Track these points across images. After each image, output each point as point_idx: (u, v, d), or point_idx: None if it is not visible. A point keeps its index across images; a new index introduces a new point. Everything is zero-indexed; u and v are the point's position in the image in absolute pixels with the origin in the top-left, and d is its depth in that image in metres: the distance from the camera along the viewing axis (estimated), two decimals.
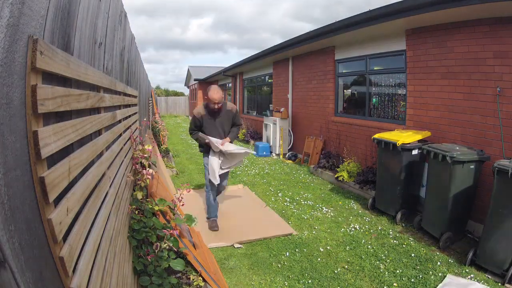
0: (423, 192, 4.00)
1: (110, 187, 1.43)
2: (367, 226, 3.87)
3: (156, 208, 2.19)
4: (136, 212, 2.05)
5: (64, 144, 0.81)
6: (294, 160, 7.69)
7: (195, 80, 20.16)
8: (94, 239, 1.02)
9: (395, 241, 3.47)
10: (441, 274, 2.82)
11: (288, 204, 4.67)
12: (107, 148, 1.48)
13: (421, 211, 3.84)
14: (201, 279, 2.42)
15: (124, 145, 2.10)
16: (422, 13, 3.72)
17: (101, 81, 1.36)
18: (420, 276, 2.80)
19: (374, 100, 5.70)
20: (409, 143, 3.85)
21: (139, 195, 2.11)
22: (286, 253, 3.25)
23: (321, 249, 3.33)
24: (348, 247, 3.37)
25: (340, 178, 5.41)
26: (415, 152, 3.90)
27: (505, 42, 3.33)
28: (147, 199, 2.24)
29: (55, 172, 0.73)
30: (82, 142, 1.05)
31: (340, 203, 4.68)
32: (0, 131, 0.53)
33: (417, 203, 4.17)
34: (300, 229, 3.83)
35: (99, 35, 1.38)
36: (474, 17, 3.59)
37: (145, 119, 5.38)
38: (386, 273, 2.87)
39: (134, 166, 2.32)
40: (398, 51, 4.89)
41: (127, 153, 2.22)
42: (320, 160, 6.44)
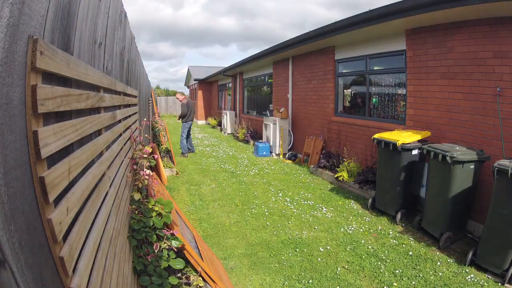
0: (423, 192, 4.01)
1: (110, 187, 1.43)
2: (367, 226, 3.88)
3: (156, 208, 2.19)
4: (136, 212, 2.05)
5: (64, 144, 0.81)
6: (294, 160, 7.69)
7: (195, 80, 20.14)
8: (94, 239, 1.02)
9: (395, 241, 3.47)
10: (441, 274, 2.82)
11: (288, 204, 4.67)
12: (107, 148, 1.48)
13: (421, 211, 3.84)
14: (201, 279, 2.42)
15: (124, 145, 2.10)
16: (422, 13, 3.72)
17: (101, 81, 1.36)
18: (420, 276, 2.80)
19: (374, 100, 5.70)
20: (409, 143, 3.85)
21: (136, 196, 2.11)
22: (286, 253, 3.25)
23: (321, 249, 3.33)
24: (348, 247, 3.37)
25: (340, 178, 5.41)
26: (415, 152, 3.90)
27: (505, 42, 3.33)
28: (146, 200, 2.24)
29: (55, 172, 0.73)
30: (82, 142, 1.05)
31: (340, 203, 4.69)
32: (0, 131, 0.53)
33: (417, 203, 4.17)
34: (300, 229, 3.83)
35: (99, 35, 1.38)
36: (474, 17, 3.59)
37: (145, 119, 5.38)
38: (386, 273, 2.87)
39: (132, 167, 2.32)
40: (398, 51, 4.89)
41: (127, 153, 2.22)
42: (320, 160, 6.44)
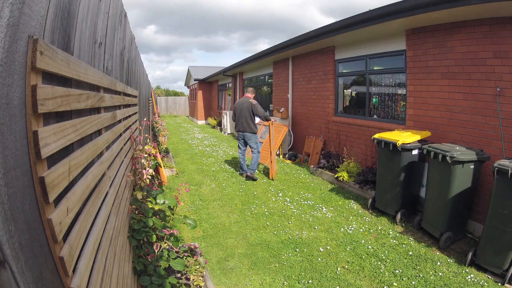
0: (423, 192, 4.01)
1: (110, 187, 1.43)
2: (367, 226, 3.88)
3: (156, 208, 2.19)
4: (136, 212, 2.05)
5: (64, 144, 0.81)
6: (294, 160, 7.69)
7: (195, 80, 20.13)
8: (94, 239, 1.02)
9: (395, 241, 3.47)
10: (441, 274, 2.82)
11: (288, 204, 4.67)
12: (107, 148, 1.48)
13: (421, 211, 3.84)
14: (201, 279, 2.42)
15: (124, 145, 2.10)
16: (422, 13, 3.72)
17: (101, 81, 1.36)
18: (420, 276, 2.80)
19: (374, 100, 5.70)
20: (409, 143, 3.85)
21: (139, 195, 2.11)
22: (286, 253, 3.25)
23: (321, 249, 3.33)
24: (348, 247, 3.37)
25: (340, 178, 5.41)
26: (415, 152, 3.90)
27: (505, 42, 3.33)
28: (148, 199, 2.24)
29: (55, 172, 0.73)
30: (82, 142, 1.05)
31: (340, 203, 4.68)
32: (0, 131, 0.53)
33: (417, 203, 4.17)
34: (300, 229, 3.83)
35: (99, 35, 1.38)
36: (474, 17, 3.59)
37: (145, 119, 5.38)
38: (386, 273, 2.87)
39: (134, 166, 2.32)
40: (398, 51, 4.89)
41: (127, 153, 2.22)
42: (320, 160, 6.44)
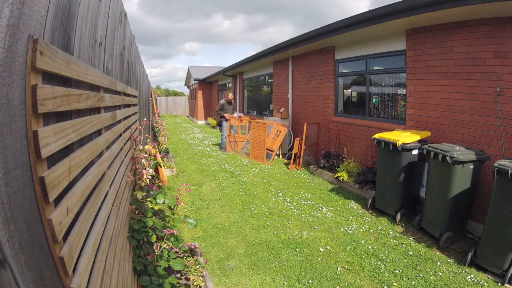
0: (423, 192, 4.00)
1: (110, 187, 1.43)
2: (367, 226, 3.88)
3: (156, 208, 2.19)
4: (136, 212, 2.05)
5: (64, 144, 0.81)
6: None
7: (195, 80, 20.12)
8: (94, 239, 1.02)
9: (395, 241, 3.47)
10: (441, 274, 2.82)
11: (288, 204, 4.67)
12: (107, 148, 1.48)
13: (421, 211, 3.84)
14: (201, 279, 2.42)
15: (124, 145, 2.10)
16: (422, 13, 3.72)
17: (101, 81, 1.36)
18: (420, 276, 2.80)
19: (374, 100, 5.70)
20: (409, 143, 3.85)
21: (139, 195, 2.11)
22: (286, 253, 3.25)
23: (321, 249, 3.33)
24: (348, 247, 3.37)
25: (340, 178, 5.41)
26: (415, 152, 3.90)
27: (505, 42, 3.33)
28: (148, 199, 2.24)
29: (55, 172, 0.73)
30: (82, 142, 1.05)
31: (340, 203, 4.68)
32: (0, 131, 0.53)
33: (417, 203, 4.17)
34: (300, 229, 3.83)
35: (99, 35, 1.38)
36: (474, 17, 3.59)
37: (146, 119, 5.38)
38: (386, 273, 2.87)
39: (134, 166, 2.32)
40: (398, 51, 4.89)
41: (127, 153, 2.22)
42: (320, 160, 6.44)
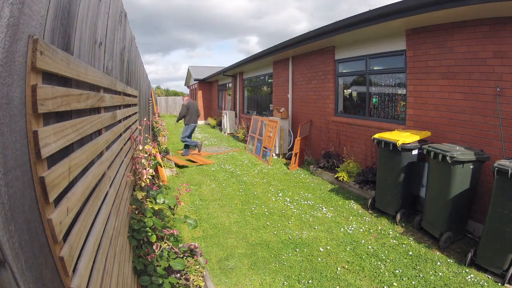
0: (423, 192, 4.01)
1: (110, 187, 1.43)
2: (367, 226, 3.88)
3: (156, 208, 2.19)
4: (136, 212, 2.05)
5: (64, 144, 0.81)
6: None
7: (195, 80, 20.13)
8: (94, 239, 1.02)
9: (395, 241, 3.47)
10: (441, 274, 2.82)
11: (288, 204, 4.67)
12: (107, 148, 1.48)
13: (421, 211, 3.84)
14: (201, 279, 2.42)
15: (124, 145, 2.10)
16: (422, 13, 3.72)
17: (101, 81, 1.36)
18: (420, 276, 2.80)
19: (374, 100, 5.70)
20: (409, 143, 3.85)
21: (139, 195, 2.11)
22: (286, 253, 3.25)
23: (321, 249, 3.33)
24: (348, 247, 3.37)
25: (340, 178, 5.42)
26: (415, 152, 3.90)
27: (505, 42, 3.33)
28: (148, 199, 2.24)
29: (55, 172, 0.73)
30: (82, 142, 1.05)
31: (340, 203, 4.68)
32: (0, 131, 0.53)
33: (417, 203, 4.17)
34: (300, 229, 3.83)
35: (99, 35, 1.38)
36: (474, 17, 3.59)
37: (146, 119, 5.38)
38: (386, 273, 2.87)
39: (134, 166, 2.32)
40: (398, 51, 4.89)
41: (127, 153, 2.22)
42: (320, 160, 6.44)
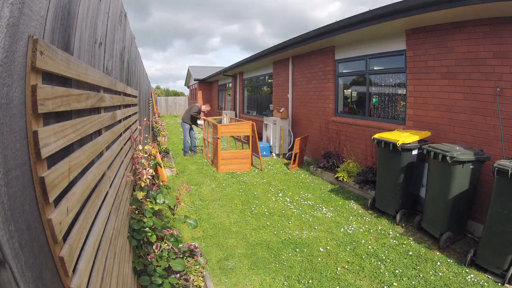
0: (423, 192, 4.00)
1: (110, 187, 1.43)
2: (367, 226, 3.87)
3: (156, 208, 2.19)
4: (136, 212, 2.05)
5: (64, 144, 0.81)
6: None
7: (195, 80, 20.15)
8: (94, 239, 1.02)
9: (395, 241, 3.47)
10: (441, 274, 2.82)
11: (288, 204, 4.67)
12: (107, 148, 1.47)
13: (421, 211, 3.84)
14: (201, 279, 2.42)
15: (124, 145, 2.10)
16: (422, 13, 3.72)
17: (101, 81, 1.36)
18: (420, 276, 2.80)
19: (374, 100, 5.70)
20: (409, 143, 3.85)
21: (139, 195, 2.11)
22: (286, 253, 3.25)
23: (321, 249, 3.33)
24: (348, 247, 3.37)
25: (340, 178, 5.41)
26: (415, 152, 3.89)
27: (505, 42, 3.33)
28: (148, 199, 2.24)
29: (55, 172, 0.73)
30: (82, 142, 1.05)
31: (340, 203, 4.68)
32: (0, 131, 0.53)
33: (417, 203, 4.17)
34: (300, 229, 3.83)
35: (99, 35, 1.38)
36: (474, 17, 3.59)
37: (145, 119, 5.38)
38: (386, 273, 2.87)
39: (134, 166, 2.32)
40: (398, 51, 4.89)
41: (127, 153, 2.22)
42: (320, 160, 6.44)
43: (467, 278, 2.74)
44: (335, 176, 5.56)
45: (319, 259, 3.13)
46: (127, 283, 1.66)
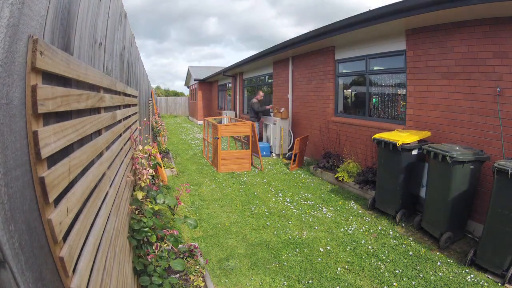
0: (423, 192, 4.00)
1: (110, 187, 1.43)
2: (367, 226, 3.88)
3: (156, 208, 2.19)
4: (136, 212, 2.05)
5: (64, 144, 0.81)
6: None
7: (195, 80, 20.13)
8: (94, 239, 1.02)
9: (395, 241, 3.47)
10: (441, 274, 2.82)
11: (288, 204, 4.67)
12: (107, 148, 1.47)
13: (421, 211, 3.84)
14: (201, 280, 2.42)
15: (124, 145, 2.10)
16: (422, 13, 3.72)
17: (101, 81, 1.36)
18: (420, 276, 2.80)
19: (374, 100, 5.70)
20: (409, 143, 3.85)
21: (139, 195, 2.11)
22: (286, 253, 3.25)
23: (321, 249, 3.33)
24: (348, 247, 3.37)
25: (340, 178, 5.42)
26: (415, 152, 3.90)
27: (505, 42, 3.33)
28: (148, 199, 2.24)
29: (55, 172, 0.73)
30: (82, 142, 1.05)
31: (340, 203, 4.68)
32: (0, 131, 0.53)
33: (417, 203, 4.17)
34: (300, 229, 3.83)
35: (99, 35, 1.38)
36: (474, 17, 3.59)
37: (146, 119, 5.38)
38: (386, 273, 2.87)
39: (134, 166, 2.32)
40: (398, 51, 4.89)
41: (127, 153, 2.22)
42: (320, 160, 6.44)
43: (467, 278, 2.74)
44: (335, 176, 5.56)
45: (319, 259, 3.13)
46: (127, 283, 1.66)
